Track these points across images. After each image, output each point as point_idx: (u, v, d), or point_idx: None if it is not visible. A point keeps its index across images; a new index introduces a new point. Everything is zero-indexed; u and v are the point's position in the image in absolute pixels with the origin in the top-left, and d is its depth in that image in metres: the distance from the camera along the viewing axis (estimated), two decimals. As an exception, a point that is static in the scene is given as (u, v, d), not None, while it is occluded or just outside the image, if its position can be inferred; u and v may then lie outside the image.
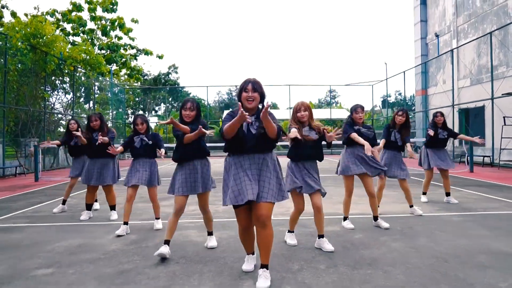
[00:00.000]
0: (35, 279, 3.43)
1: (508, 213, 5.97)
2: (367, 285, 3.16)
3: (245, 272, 3.50)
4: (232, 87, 66.17)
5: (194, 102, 4.09)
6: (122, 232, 4.94)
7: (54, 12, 25.62)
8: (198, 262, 3.82)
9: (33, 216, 6.39)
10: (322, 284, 3.20)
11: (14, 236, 5.00)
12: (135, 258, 4.00)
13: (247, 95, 3.22)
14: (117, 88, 27.27)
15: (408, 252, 4.04)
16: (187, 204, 7.16)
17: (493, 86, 15.58)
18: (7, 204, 7.58)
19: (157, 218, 5.43)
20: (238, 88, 3.32)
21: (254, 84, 3.24)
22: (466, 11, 21.06)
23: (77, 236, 4.95)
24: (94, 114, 6.04)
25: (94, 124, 5.89)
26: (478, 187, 8.99)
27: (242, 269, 3.54)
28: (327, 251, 4.07)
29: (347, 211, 5.20)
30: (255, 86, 3.24)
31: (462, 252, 3.97)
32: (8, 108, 14.57)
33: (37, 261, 3.95)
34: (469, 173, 12.23)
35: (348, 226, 5.11)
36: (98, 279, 3.40)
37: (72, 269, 3.69)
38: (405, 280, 3.25)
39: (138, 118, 5.20)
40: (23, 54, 14.95)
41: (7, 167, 13.92)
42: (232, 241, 4.58)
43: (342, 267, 3.59)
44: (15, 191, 9.72)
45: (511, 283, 3.13)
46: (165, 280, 3.35)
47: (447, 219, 5.58)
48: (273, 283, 3.22)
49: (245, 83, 3.24)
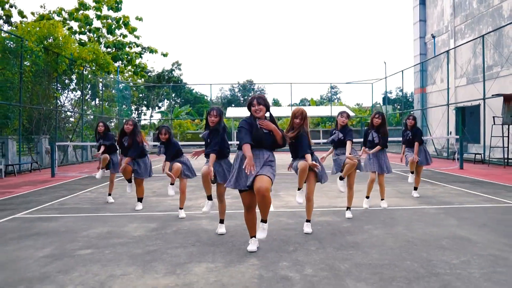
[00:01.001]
0: (80, 257, 4.25)
1: (479, 206, 6.77)
2: (348, 261, 3.96)
3: (250, 252, 4.30)
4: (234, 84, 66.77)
5: (218, 110, 5.03)
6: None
7: (61, 11, 26.39)
8: (211, 245, 4.63)
9: (61, 208, 7.22)
10: (311, 261, 4.00)
11: (51, 224, 5.82)
12: (158, 242, 4.82)
13: (254, 109, 4.22)
14: (122, 85, 28.07)
15: (386, 237, 4.84)
16: (198, 197, 8.00)
17: (485, 87, 16.32)
18: (34, 198, 8.41)
19: (181, 208, 6.29)
20: (247, 102, 4.23)
21: (259, 99, 4.18)
22: (463, 12, 21.72)
23: (105, 225, 5.77)
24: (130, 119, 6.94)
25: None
26: (461, 183, 9.78)
27: (247, 250, 4.35)
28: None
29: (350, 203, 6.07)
30: (259, 100, 4.17)
31: (429, 238, 4.77)
32: (23, 107, 15.38)
33: (77, 244, 4.77)
34: (458, 170, 13.00)
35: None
36: (131, 257, 4.21)
37: (107, 250, 4.51)
38: (378, 258, 4.05)
39: (163, 129, 6.21)
40: (37, 56, 15.74)
41: (23, 163, 14.77)
42: (238, 228, 5.38)
43: (329, 249, 4.40)
44: (36, 185, 10.56)
45: (462, 260, 3.93)
46: (185, 258, 4.16)
47: (425, 212, 6.38)
48: (272, 260, 4.02)
49: (252, 99, 4.26)
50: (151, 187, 9.45)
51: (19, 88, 14.75)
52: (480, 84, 17.39)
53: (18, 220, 6.22)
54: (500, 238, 4.73)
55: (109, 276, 3.66)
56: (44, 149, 16.90)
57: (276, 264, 3.90)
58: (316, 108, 42.02)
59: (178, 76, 46.14)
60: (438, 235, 4.88)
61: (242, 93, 67.81)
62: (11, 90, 14.52)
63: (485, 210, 6.43)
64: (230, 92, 67.75)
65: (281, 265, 3.87)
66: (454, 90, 21.07)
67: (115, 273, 3.74)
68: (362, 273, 3.62)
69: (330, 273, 3.63)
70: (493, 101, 16.38)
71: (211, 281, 3.50)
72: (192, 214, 6.40)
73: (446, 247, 4.39)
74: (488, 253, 4.15)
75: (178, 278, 3.59)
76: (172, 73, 45.48)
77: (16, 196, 8.78)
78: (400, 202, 7.24)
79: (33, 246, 4.70)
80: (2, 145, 14.41)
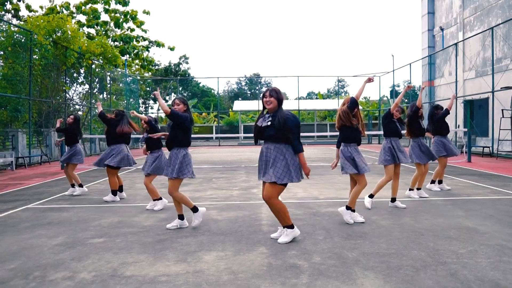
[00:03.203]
0: (93, 245, 4.34)
1: (487, 198, 6.77)
2: (355, 250, 4.02)
3: (258, 241, 4.37)
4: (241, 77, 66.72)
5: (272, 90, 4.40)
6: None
7: (68, 5, 26.49)
8: (220, 234, 4.70)
9: (71, 199, 7.34)
10: (319, 250, 4.06)
11: (63, 215, 5.94)
12: (168, 231, 4.90)
13: (265, 100, 4.24)
14: (130, 79, 28.19)
15: (393, 227, 4.88)
16: (206, 189, 8.08)
17: (493, 80, 16.19)
18: (45, 189, 8.55)
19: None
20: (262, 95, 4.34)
21: (271, 91, 4.26)
22: (472, 4, 21.48)
23: (115, 215, 5.86)
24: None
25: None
26: (469, 176, 9.77)
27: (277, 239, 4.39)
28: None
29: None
30: (271, 92, 4.25)
31: (436, 228, 4.80)
32: (33, 100, 15.54)
33: (89, 232, 4.87)
34: (466, 163, 12.96)
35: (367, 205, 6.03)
36: (142, 246, 4.30)
37: (119, 238, 4.60)
38: (386, 247, 4.10)
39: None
40: (46, 49, 15.87)
41: (33, 156, 14.96)
42: (247, 219, 5.45)
43: (336, 238, 4.45)
44: (46, 177, 10.71)
45: (469, 250, 3.97)
46: (196, 247, 4.23)
47: (432, 203, 6.40)
48: (281, 249, 4.09)
49: (266, 90, 4.29)
50: (159, 178, 9.55)
51: (28, 82, 14.91)
52: (489, 77, 17.25)
53: (31, 210, 6.34)
54: (507, 228, 4.75)
55: (121, 263, 3.75)
56: (54, 142, 17.09)
57: (284, 253, 3.97)
58: (323, 101, 41.92)
59: (185, 70, 46.19)
60: (445, 226, 4.91)
61: (249, 87, 67.78)
62: (21, 84, 14.67)
63: (493, 202, 6.44)
64: (237, 86, 67.75)
65: (289, 254, 3.94)
66: (462, 83, 20.91)
67: (127, 260, 3.83)
68: (369, 262, 3.67)
69: (338, 261, 3.69)
70: (502, 94, 16.25)
71: (221, 268, 3.58)
72: (201, 205, 6.44)
73: (453, 237, 4.42)
74: (495, 243, 4.18)
75: (189, 265, 3.67)
76: (179, 67, 45.51)
77: (27, 187, 8.93)
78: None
79: (46, 234, 4.81)
80: (13, 138, 14.61)
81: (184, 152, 4.88)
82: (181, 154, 4.85)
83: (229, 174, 10.86)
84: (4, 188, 8.88)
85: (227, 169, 12.06)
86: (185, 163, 4.85)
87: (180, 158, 4.82)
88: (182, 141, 4.90)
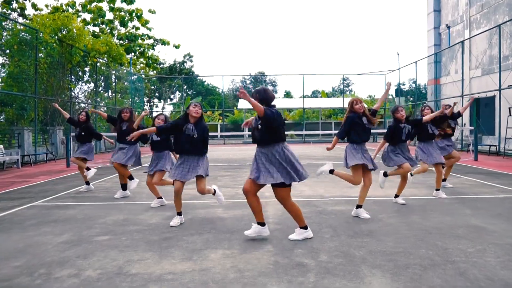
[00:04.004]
0: (98, 243, 4.33)
1: (495, 197, 6.70)
2: (362, 249, 3.98)
3: (264, 239, 4.34)
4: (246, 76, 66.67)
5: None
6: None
7: (74, 4, 26.56)
8: (226, 232, 4.68)
9: (77, 196, 7.34)
10: (326, 248, 4.02)
11: (69, 212, 5.94)
12: (173, 229, 4.88)
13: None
14: (135, 77, 28.24)
15: (400, 226, 4.84)
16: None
17: (500, 78, 16.04)
18: (51, 187, 8.56)
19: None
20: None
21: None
22: (479, 1, 21.30)
23: (120, 213, 5.85)
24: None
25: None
26: (477, 174, 9.68)
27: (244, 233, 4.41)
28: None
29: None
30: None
31: (444, 227, 4.75)
32: (39, 98, 15.59)
33: (94, 230, 4.86)
34: (473, 162, 12.86)
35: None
36: (147, 244, 4.28)
37: (124, 236, 4.59)
38: (393, 246, 4.06)
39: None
40: (52, 48, 15.91)
41: (39, 154, 15.01)
42: (252, 217, 5.39)
43: (343, 236, 4.41)
44: (52, 175, 10.74)
45: (478, 249, 3.92)
46: (201, 245, 4.21)
47: (440, 202, 6.35)
48: (287, 247, 4.06)
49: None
50: (166, 175, 9.53)
51: (34, 80, 14.96)
52: (496, 75, 17.09)
53: (37, 207, 6.35)
54: (516, 227, 4.69)
55: (127, 261, 3.73)
56: (59, 140, 17.14)
57: (291, 251, 3.94)
58: (328, 100, 41.76)
59: (189, 68, 46.22)
60: (453, 224, 4.86)
61: (253, 85, 67.69)
62: (27, 82, 14.72)
63: (501, 201, 6.37)
64: (242, 84, 67.68)
65: (296, 252, 3.90)
66: (468, 81, 20.75)
67: (132, 258, 3.81)
68: (377, 260, 3.63)
69: (345, 260, 3.66)
70: (509, 92, 16.10)
71: (228, 266, 3.55)
72: (206, 203, 6.46)
73: (461, 236, 4.37)
74: (504, 242, 4.13)
75: (195, 263, 3.64)
76: (184, 65, 45.56)
77: (33, 185, 8.95)
78: (414, 192, 7.20)
79: (51, 232, 4.81)
80: (18, 136, 14.65)
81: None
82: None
83: (234, 172, 10.84)
84: (10, 185, 8.91)
85: (232, 167, 12.05)
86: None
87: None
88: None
